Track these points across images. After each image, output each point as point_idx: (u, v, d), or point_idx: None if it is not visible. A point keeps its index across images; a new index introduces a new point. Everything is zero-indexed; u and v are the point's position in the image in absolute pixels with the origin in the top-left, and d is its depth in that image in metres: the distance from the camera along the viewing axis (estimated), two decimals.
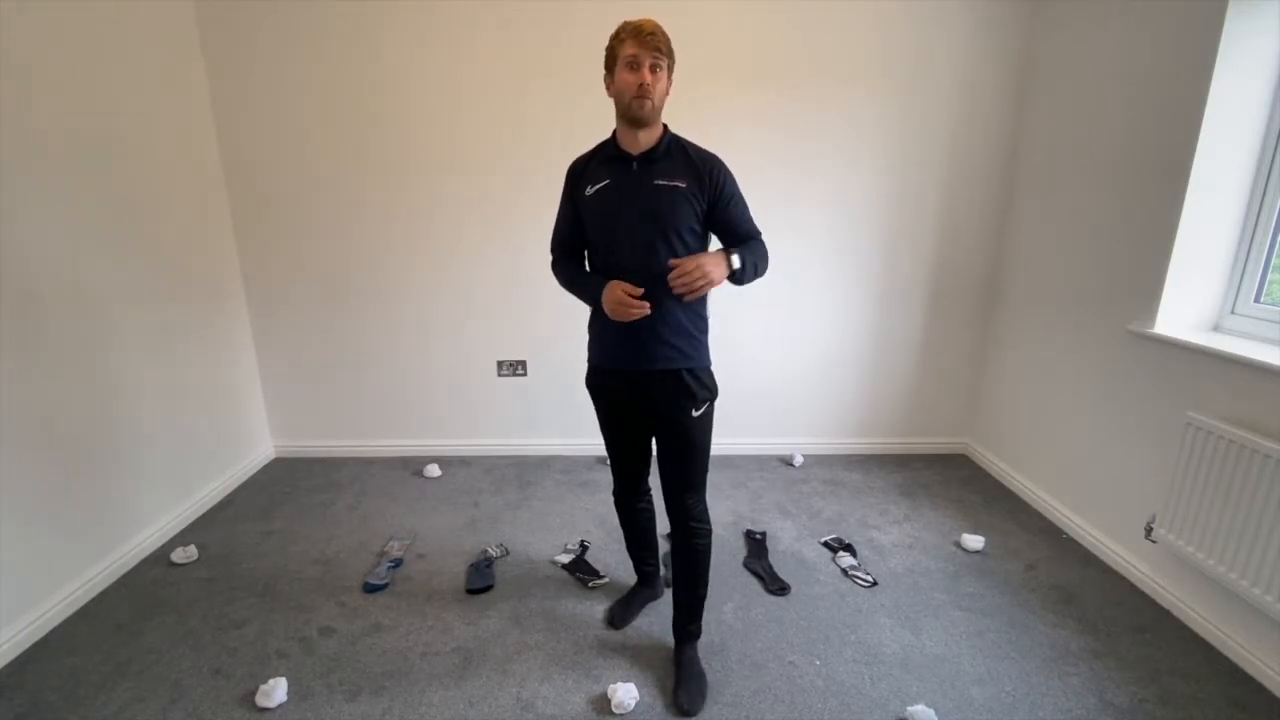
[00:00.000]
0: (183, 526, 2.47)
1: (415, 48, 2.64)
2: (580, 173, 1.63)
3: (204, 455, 2.64)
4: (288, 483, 2.87)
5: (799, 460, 3.06)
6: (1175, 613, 1.97)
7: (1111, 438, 2.24)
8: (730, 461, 3.05)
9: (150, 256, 2.33)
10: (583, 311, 1.70)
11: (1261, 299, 1.94)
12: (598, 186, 1.57)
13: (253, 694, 1.63)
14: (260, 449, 3.05)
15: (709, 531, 1.69)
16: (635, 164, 1.54)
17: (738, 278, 1.52)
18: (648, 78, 1.44)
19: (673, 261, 1.44)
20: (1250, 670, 1.73)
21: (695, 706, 1.62)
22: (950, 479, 2.91)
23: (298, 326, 2.97)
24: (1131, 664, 1.77)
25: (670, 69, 1.49)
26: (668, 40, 1.46)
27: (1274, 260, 1.91)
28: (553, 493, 2.77)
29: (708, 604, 1.95)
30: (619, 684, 1.65)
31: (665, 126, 1.56)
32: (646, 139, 1.52)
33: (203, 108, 2.64)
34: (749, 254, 1.54)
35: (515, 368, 3.05)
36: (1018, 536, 2.42)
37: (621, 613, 1.95)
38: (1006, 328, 2.88)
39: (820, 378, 3.07)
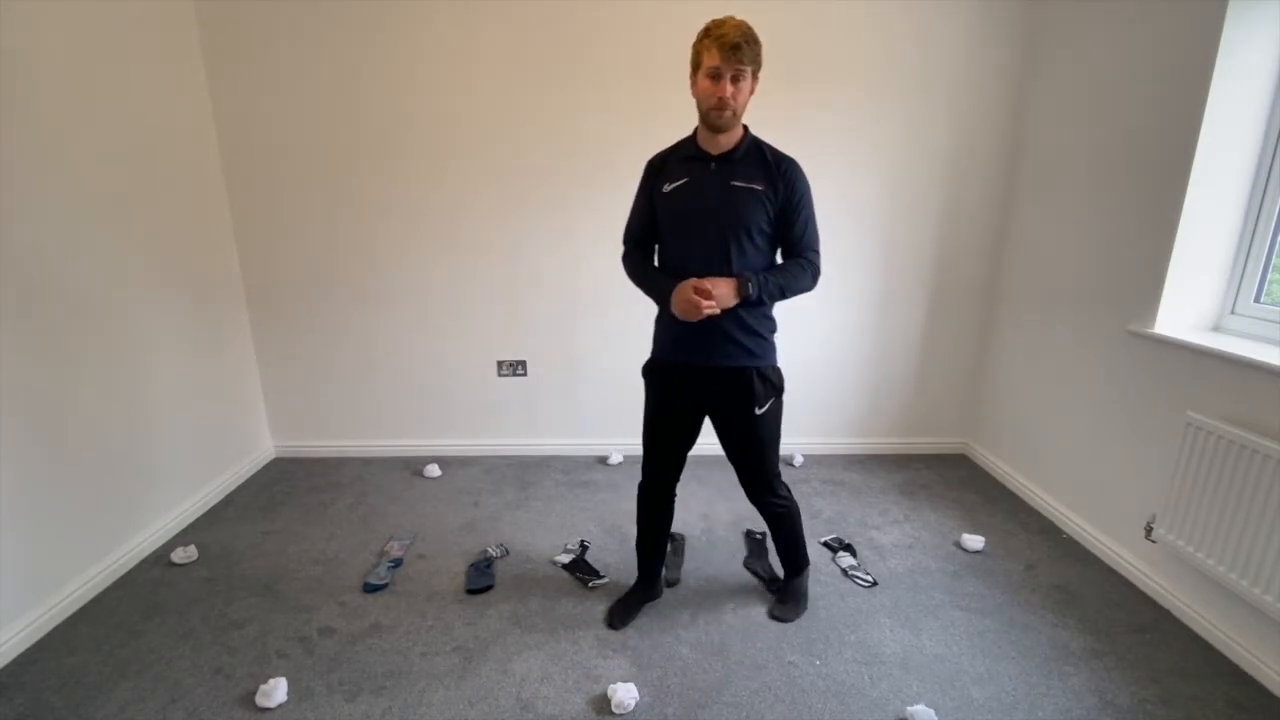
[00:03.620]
0: (183, 526, 2.47)
1: (417, 48, 2.64)
2: (659, 169, 1.68)
3: (204, 455, 2.64)
4: (288, 483, 2.87)
5: (799, 460, 3.05)
6: (1175, 613, 1.97)
7: (1111, 438, 2.24)
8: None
9: (149, 257, 2.33)
10: (582, 312, 1.70)
11: (1261, 299, 1.94)
12: (675, 185, 1.62)
13: (253, 694, 1.63)
14: (260, 449, 3.05)
15: (789, 500, 1.88)
16: (714, 164, 1.60)
17: (753, 301, 1.58)
18: (727, 90, 1.47)
19: (702, 283, 1.52)
20: (1250, 670, 1.73)
21: (789, 616, 1.92)
22: (950, 479, 2.91)
23: (298, 326, 2.96)
24: (1132, 664, 1.77)
25: (756, 72, 1.51)
26: (755, 46, 1.47)
27: (1274, 260, 1.91)
28: (553, 493, 2.77)
29: (708, 604, 2.01)
30: (619, 684, 1.64)
31: (745, 128, 1.61)
32: (726, 141, 1.58)
33: (203, 108, 2.63)
34: (776, 278, 1.60)
35: (515, 368, 3.05)
36: (1018, 536, 2.42)
37: (621, 613, 1.95)
38: (1006, 327, 2.88)
39: (820, 377, 3.07)
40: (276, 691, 1.62)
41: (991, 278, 2.94)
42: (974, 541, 2.33)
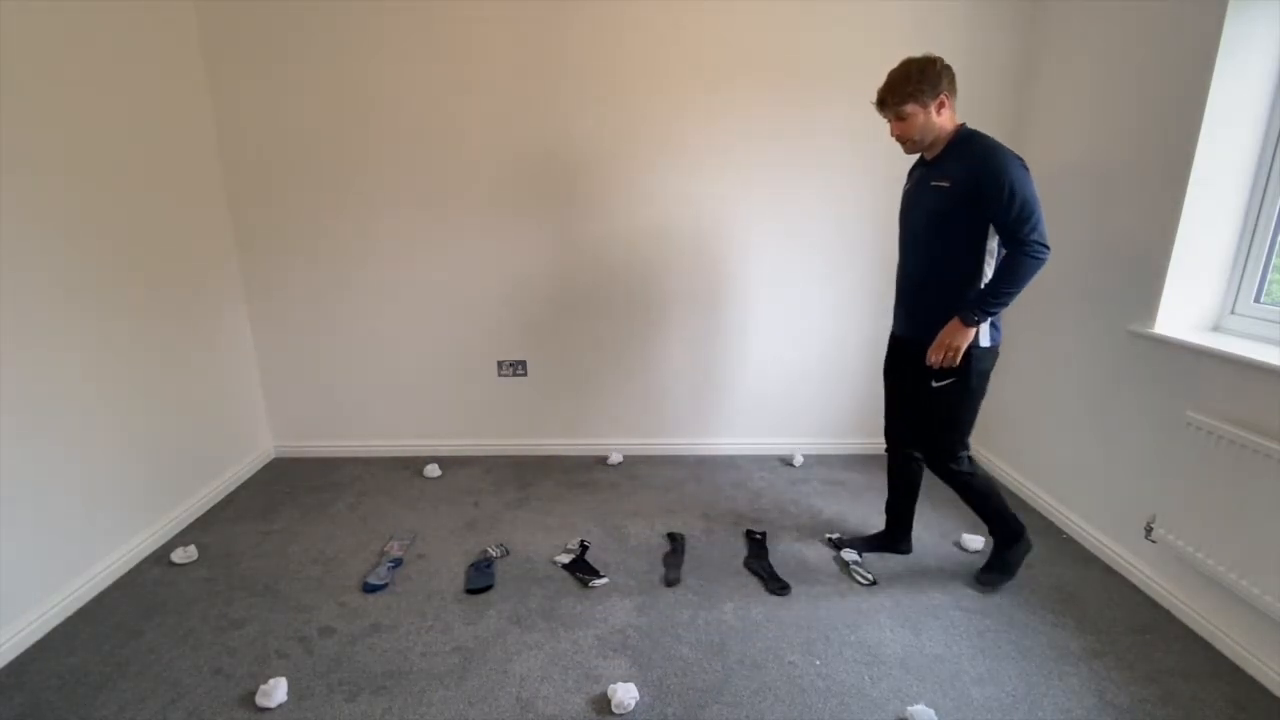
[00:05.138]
0: (183, 526, 2.47)
1: (416, 48, 2.63)
2: (909, 175, 1.99)
3: (204, 455, 2.64)
4: (288, 483, 2.87)
5: (799, 460, 3.05)
6: (1175, 613, 1.97)
7: (1112, 437, 2.24)
8: (730, 461, 3.05)
9: (149, 256, 2.33)
10: (582, 313, 1.71)
11: (1261, 299, 1.94)
12: (905, 189, 1.97)
13: (253, 694, 1.63)
14: (260, 449, 3.05)
15: (971, 474, 2.00)
16: (923, 169, 1.89)
17: (985, 319, 1.80)
18: (897, 132, 1.82)
19: (929, 358, 1.83)
20: (1250, 670, 1.73)
21: (988, 584, 2.05)
22: None
23: (298, 326, 2.96)
24: (1131, 664, 1.77)
25: (926, 102, 1.74)
26: (903, 87, 1.74)
27: (1274, 260, 1.91)
28: (553, 493, 2.77)
29: (707, 604, 2.00)
30: (619, 684, 1.64)
31: (960, 126, 1.82)
32: (935, 147, 1.84)
33: (203, 108, 2.63)
34: (995, 286, 1.74)
35: (515, 368, 3.05)
36: None
37: (866, 545, 2.30)
38: (1006, 328, 2.87)
39: (820, 377, 3.07)
40: (276, 691, 1.62)
41: None
42: (974, 541, 2.33)
